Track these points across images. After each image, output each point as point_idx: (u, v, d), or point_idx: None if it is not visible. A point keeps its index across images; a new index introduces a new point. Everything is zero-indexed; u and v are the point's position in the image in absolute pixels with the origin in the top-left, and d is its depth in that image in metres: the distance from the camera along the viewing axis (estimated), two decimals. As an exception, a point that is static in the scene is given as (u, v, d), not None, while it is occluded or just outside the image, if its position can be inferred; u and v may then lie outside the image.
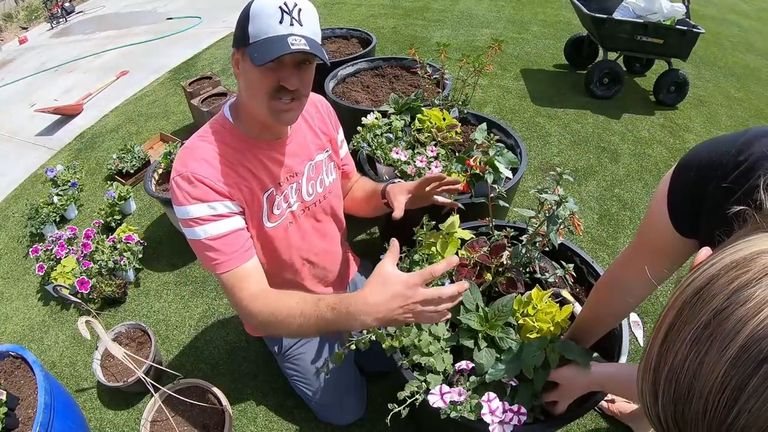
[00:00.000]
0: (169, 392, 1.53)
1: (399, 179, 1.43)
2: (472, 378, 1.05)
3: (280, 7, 0.97)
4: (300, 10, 0.99)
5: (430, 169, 1.54)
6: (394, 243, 0.95)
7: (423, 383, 1.05)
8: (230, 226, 1.10)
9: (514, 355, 1.02)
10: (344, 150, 1.45)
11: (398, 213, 1.28)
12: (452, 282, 1.22)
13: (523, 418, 0.94)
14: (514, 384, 1.01)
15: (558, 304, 1.12)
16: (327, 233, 1.41)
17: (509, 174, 1.55)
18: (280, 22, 0.97)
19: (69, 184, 2.69)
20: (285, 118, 1.08)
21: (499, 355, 1.06)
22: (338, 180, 1.41)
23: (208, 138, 1.12)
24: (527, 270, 1.27)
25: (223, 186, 1.08)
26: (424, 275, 0.86)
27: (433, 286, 1.20)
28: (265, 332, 1.12)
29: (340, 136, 1.42)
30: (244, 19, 1.00)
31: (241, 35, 1.01)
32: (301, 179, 1.26)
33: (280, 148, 1.20)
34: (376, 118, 1.81)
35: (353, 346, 1.13)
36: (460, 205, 1.41)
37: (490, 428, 0.93)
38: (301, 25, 0.99)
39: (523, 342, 1.05)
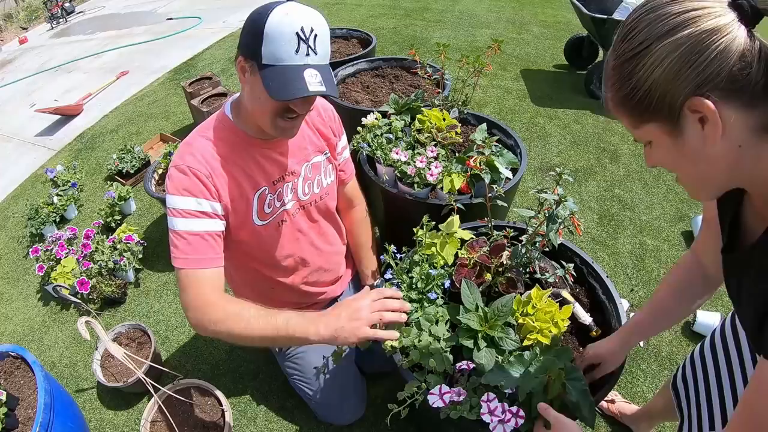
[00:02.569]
0: (169, 392, 1.53)
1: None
2: (472, 378, 1.05)
3: (297, 34, 0.95)
4: (316, 36, 0.97)
5: (429, 169, 1.54)
6: None
7: (423, 383, 1.05)
8: (207, 227, 1.10)
9: (518, 366, 0.99)
10: (344, 156, 1.45)
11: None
12: (452, 282, 1.22)
13: (521, 421, 0.94)
14: (512, 392, 1.01)
15: (558, 304, 1.12)
16: (323, 232, 1.42)
17: (509, 174, 1.55)
18: (296, 52, 0.96)
19: (69, 184, 2.69)
20: (289, 134, 1.13)
21: (499, 357, 1.06)
22: (335, 182, 1.42)
23: (206, 134, 1.14)
24: (527, 270, 1.27)
25: (213, 185, 1.10)
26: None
27: (432, 286, 1.20)
28: (212, 332, 1.07)
29: (342, 142, 1.42)
30: (257, 34, 0.96)
31: (252, 50, 0.98)
32: (297, 179, 1.27)
33: (277, 147, 1.22)
34: (376, 119, 1.81)
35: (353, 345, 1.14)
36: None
37: (490, 427, 0.93)
38: (316, 53, 0.98)
39: (533, 355, 1.00)
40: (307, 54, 0.97)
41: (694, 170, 0.63)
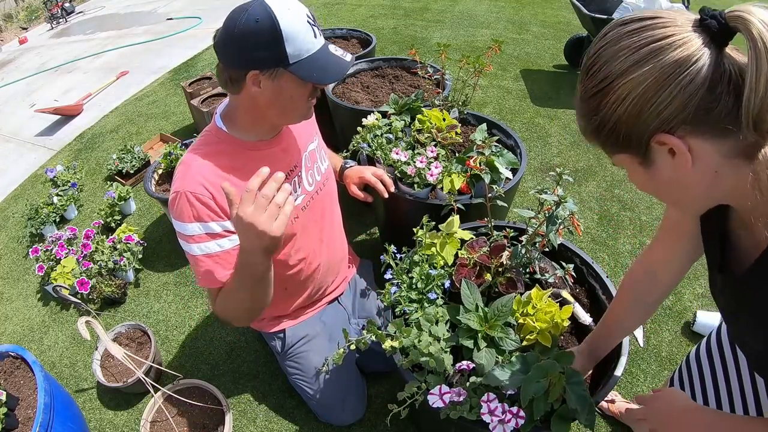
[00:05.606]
0: (169, 392, 1.53)
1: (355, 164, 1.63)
2: (472, 378, 1.05)
3: (308, 22, 1.01)
4: (314, 17, 1.03)
5: (429, 169, 1.54)
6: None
7: (423, 383, 1.05)
8: (221, 246, 1.12)
9: (519, 368, 0.99)
10: None
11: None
12: (452, 282, 1.22)
13: (521, 421, 0.94)
14: (512, 392, 1.01)
15: (558, 304, 1.12)
16: (328, 219, 1.44)
17: (509, 174, 1.55)
18: (315, 37, 1.02)
19: (69, 184, 2.69)
20: (310, 113, 1.17)
21: (499, 357, 1.06)
22: (330, 165, 1.45)
23: (202, 151, 1.13)
24: (527, 270, 1.27)
25: (217, 204, 1.10)
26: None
27: (432, 286, 1.20)
28: (239, 323, 1.20)
29: None
30: (275, 40, 0.97)
31: (272, 56, 0.99)
32: (300, 171, 1.28)
33: (276, 144, 1.22)
34: (376, 119, 1.81)
35: (353, 346, 1.14)
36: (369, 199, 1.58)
37: (490, 427, 0.93)
38: (321, 31, 1.05)
39: (537, 358, 1.01)
40: (319, 34, 1.04)
41: (671, 195, 0.62)
